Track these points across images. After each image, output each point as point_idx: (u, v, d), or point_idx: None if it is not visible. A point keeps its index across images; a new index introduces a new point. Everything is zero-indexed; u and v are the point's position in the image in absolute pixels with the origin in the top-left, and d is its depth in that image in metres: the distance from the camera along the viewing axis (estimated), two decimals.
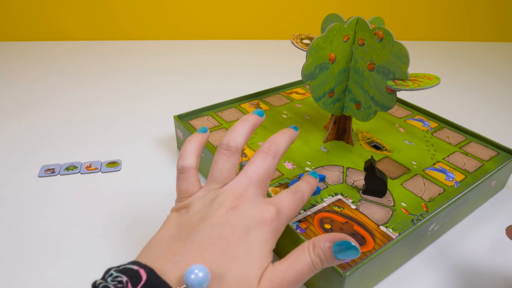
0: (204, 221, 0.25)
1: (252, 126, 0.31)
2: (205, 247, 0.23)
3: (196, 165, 0.30)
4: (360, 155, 0.45)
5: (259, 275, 0.23)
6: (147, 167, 0.48)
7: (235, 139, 0.29)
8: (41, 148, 0.52)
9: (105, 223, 0.39)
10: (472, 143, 0.48)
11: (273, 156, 0.29)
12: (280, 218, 0.26)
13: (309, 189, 0.31)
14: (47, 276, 0.33)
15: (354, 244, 0.24)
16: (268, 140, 0.30)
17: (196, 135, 0.32)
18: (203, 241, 0.23)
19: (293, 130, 0.32)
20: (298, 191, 0.29)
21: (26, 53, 0.87)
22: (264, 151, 0.29)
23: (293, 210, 0.28)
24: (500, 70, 0.89)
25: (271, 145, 0.29)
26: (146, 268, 0.20)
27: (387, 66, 0.37)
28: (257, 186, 0.27)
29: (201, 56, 0.90)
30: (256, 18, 1.03)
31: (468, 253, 0.37)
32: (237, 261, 0.23)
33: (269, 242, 0.25)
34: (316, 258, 0.24)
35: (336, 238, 0.24)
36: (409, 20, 1.09)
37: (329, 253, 0.24)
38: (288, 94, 0.60)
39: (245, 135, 0.30)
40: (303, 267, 0.24)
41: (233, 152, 0.29)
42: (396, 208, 0.36)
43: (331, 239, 0.24)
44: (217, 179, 0.28)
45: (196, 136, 0.32)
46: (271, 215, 0.25)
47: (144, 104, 0.65)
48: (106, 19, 0.97)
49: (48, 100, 0.66)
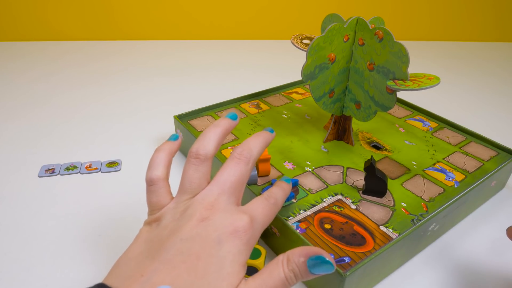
0: (173, 236, 0.24)
1: (224, 131, 0.29)
2: (173, 265, 0.22)
3: (165, 176, 0.28)
4: (360, 155, 0.45)
5: None
6: (147, 167, 0.48)
7: (205, 147, 0.28)
8: (41, 148, 0.52)
9: (105, 223, 0.39)
10: (472, 143, 0.48)
11: (246, 162, 0.28)
12: (253, 227, 0.25)
13: (283, 194, 0.30)
14: (47, 276, 0.33)
15: (329, 260, 0.23)
16: (240, 145, 0.29)
17: (166, 144, 0.30)
18: (172, 258, 0.22)
19: (268, 133, 0.31)
20: (271, 197, 0.28)
21: (26, 53, 0.87)
22: (236, 157, 0.28)
23: (268, 216, 0.27)
24: (500, 70, 0.89)
25: (244, 150, 0.28)
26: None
27: (387, 66, 0.37)
28: (229, 194, 0.26)
29: (201, 56, 0.90)
30: (256, 18, 1.03)
31: (468, 253, 0.37)
32: (206, 279, 0.22)
33: (242, 254, 0.24)
34: (290, 273, 0.23)
35: (311, 252, 0.24)
36: (409, 20, 1.09)
37: (304, 268, 0.23)
38: (288, 94, 0.60)
39: (215, 142, 0.29)
40: (276, 284, 0.23)
41: (203, 161, 0.27)
42: (396, 208, 0.36)
43: (306, 253, 0.24)
44: (187, 189, 0.27)
45: (165, 145, 0.30)
46: (244, 224, 0.24)
47: (144, 104, 0.65)
48: (106, 19, 0.97)
49: (48, 100, 0.66)
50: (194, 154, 0.28)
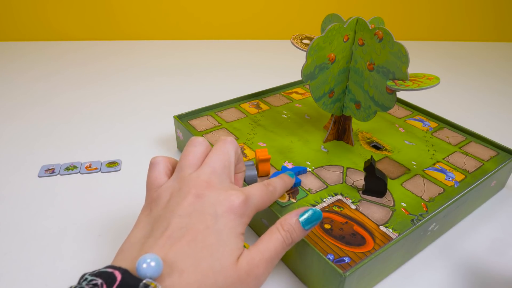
0: (172, 213, 0.25)
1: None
2: (174, 240, 0.23)
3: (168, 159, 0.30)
4: (360, 155, 0.45)
5: (234, 262, 0.24)
6: (147, 167, 0.48)
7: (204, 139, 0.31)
8: (41, 148, 0.52)
9: (105, 223, 0.39)
10: (472, 143, 0.48)
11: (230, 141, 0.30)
12: (248, 205, 0.27)
13: (283, 185, 0.32)
14: (47, 276, 0.33)
15: (315, 208, 0.28)
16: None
17: None
18: (172, 234, 0.24)
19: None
20: (270, 184, 0.30)
21: (26, 53, 0.87)
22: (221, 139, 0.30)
23: (263, 201, 0.29)
24: (500, 70, 0.89)
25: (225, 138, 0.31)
26: (121, 270, 0.21)
27: (387, 66, 0.37)
28: (220, 172, 0.28)
29: (201, 56, 0.90)
30: (256, 18, 1.03)
31: (468, 253, 0.37)
32: (208, 250, 0.23)
33: (238, 227, 0.26)
34: (287, 234, 0.27)
35: (300, 210, 0.28)
36: (409, 20, 1.09)
37: (298, 225, 0.27)
38: (288, 94, 0.60)
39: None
40: (276, 246, 0.26)
41: (201, 144, 0.30)
42: (396, 208, 0.36)
43: (296, 213, 0.28)
44: (183, 166, 0.28)
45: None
46: (239, 201, 0.26)
47: (144, 104, 0.65)
48: (106, 19, 0.97)
49: (48, 100, 0.66)
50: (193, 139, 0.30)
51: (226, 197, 0.26)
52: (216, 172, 0.28)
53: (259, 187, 0.29)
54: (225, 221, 0.25)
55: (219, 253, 0.24)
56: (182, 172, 0.28)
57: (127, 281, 0.20)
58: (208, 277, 0.23)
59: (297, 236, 0.27)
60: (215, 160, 0.28)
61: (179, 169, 0.28)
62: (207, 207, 0.25)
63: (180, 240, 0.23)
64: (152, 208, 0.27)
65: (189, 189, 0.26)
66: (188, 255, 0.23)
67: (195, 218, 0.25)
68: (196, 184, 0.26)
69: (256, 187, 0.29)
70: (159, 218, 0.25)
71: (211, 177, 0.27)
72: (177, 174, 0.28)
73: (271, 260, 0.26)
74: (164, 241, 0.23)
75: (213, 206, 0.25)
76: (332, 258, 0.30)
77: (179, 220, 0.24)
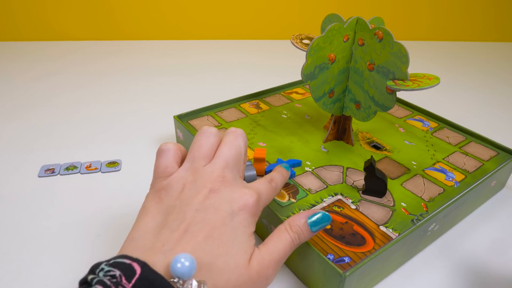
0: (187, 206, 0.25)
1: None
2: (191, 234, 0.23)
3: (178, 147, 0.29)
4: (360, 155, 0.45)
5: (246, 261, 0.24)
6: (147, 167, 0.48)
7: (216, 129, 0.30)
8: (41, 148, 0.52)
9: (105, 223, 0.39)
10: (472, 143, 0.48)
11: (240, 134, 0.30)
12: (259, 204, 0.27)
13: (283, 181, 0.32)
14: (47, 276, 0.33)
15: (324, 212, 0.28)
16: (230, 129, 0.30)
17: None
18: (189, 228, 0.23)
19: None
20: (273, 181, 0.30)
21: (26, 53, 0.87)
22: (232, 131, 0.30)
23: (269, 198, 0.29)
24: (500, 70, 0.89)
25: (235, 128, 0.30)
26: (139, 262, 0.20)
27: (387, 66, 0.37)
28: (232, 167, 0.28)
29: (201, 56, 0.90)
30: (255, 18, 1.03)
31: (468, 253, 0.37)
32: (224, 247, 0.23)
33: (250, 226, 0.26)
34: (295, 235, 0.27)
35: (309, 212, 0.28)
36: (409, 20, 1.09)
37: (306, 227, 0.28)
38: (288, 94, 0.60)
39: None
40: (285, 246, 0.26)
41: (214, 134, 0.29)
42: (396, 208, 0.36)
43: (305, 215, 0.28)
44: (196, 156, 0.27)
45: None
46: (253, 200, 0.26)
47: (144, 104, 0.65)
48: (106, 19, 0.97)
49: (48, 100, 0.66)
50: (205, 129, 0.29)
51: (240, 195, 0.26)
52: (229, 166, 0.27)
53: (265, 185, 0.29)
54: (240, 219, 0.25)
55: (233, 251, 0.24)
56: (195, 163, 0.27)
57: (147, 275, 0.19)
58: (222, 274, 0.23)
59: (304, 238, 0.28)
60: (228, 154, 0.28)
61: (191, 160, 0.27)
62: (223, 204, 0.25)
63: (197, 235, 0.23)
64: (162, 197, 0.26)
65: (204, 183, 0.26)
66: (205, 251, 0.23)
67: (212, 213, 0.24)
68: (211, 179, 0.26)
69: (262, 185, 0.29)
70: (174, 209, 0.25)
71: (225, 172, 0.27)
72: (189, 165, 0.27)
73: (280, 260, 0.26)
74: (181, 235, 0.23)
75: (229, 203, 0.25)
76: (332, 258, 0.30)
77: (196, 214, 0.24)
